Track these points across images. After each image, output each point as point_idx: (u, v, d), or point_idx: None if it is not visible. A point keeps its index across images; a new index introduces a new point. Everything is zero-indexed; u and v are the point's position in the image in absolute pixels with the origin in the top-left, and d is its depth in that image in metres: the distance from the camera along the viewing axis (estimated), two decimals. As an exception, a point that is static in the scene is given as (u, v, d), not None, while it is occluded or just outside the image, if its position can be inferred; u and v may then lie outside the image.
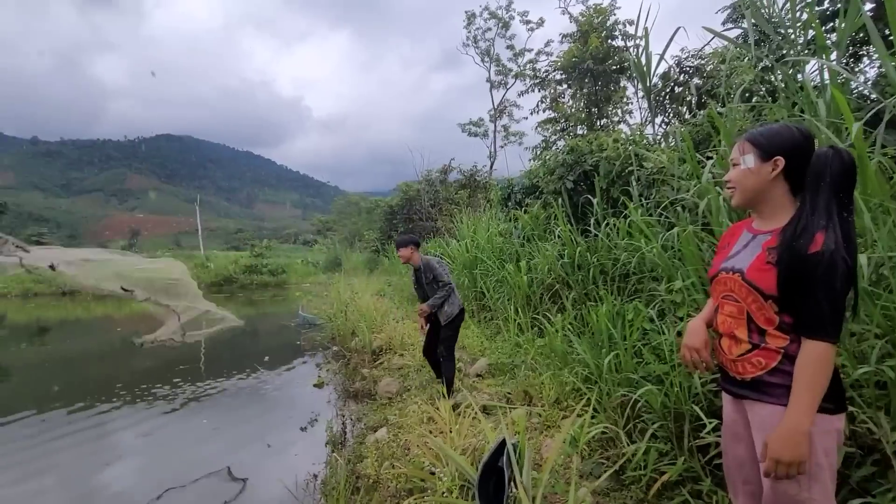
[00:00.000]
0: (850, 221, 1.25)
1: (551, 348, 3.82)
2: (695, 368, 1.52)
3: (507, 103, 24.53)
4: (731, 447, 1.49)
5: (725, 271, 1.42)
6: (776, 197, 1.36)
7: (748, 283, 1.32)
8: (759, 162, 1.35)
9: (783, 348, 1.28)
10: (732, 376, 1.40)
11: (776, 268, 1.27)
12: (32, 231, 35.02)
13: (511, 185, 8.20)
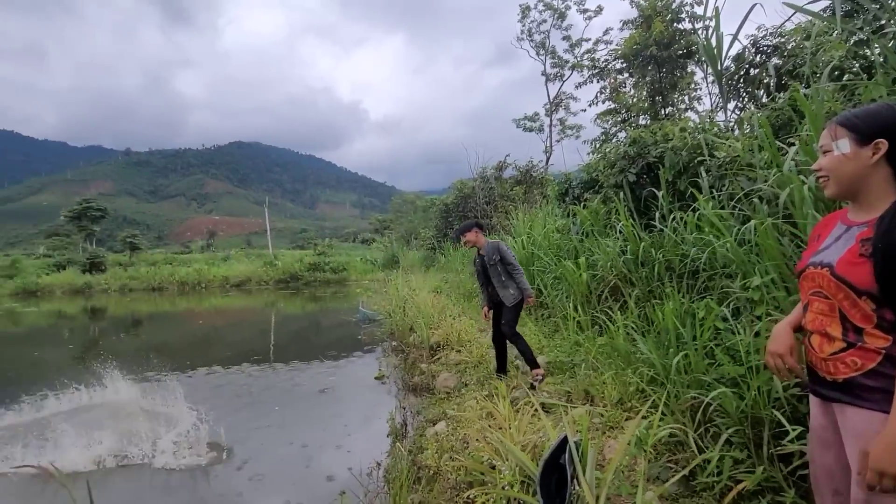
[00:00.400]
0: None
1: (613, 347, 3.70)
2: (780, 375, 1.43)
3: (563, 96, 23.89)
4: (820, 455, 1.38)
5: (814, 266, 1.31)
6: (877, 184, 1.23)
7: (838, 279, 1.22)
8: (856, 146, 1.23)
9: (884, 349, 1.16)
10: (822, 377, 1.29)
11: (871, 260, 1.16)
12: (127, 233, 38.93)
13: (568, 180, 8.00)
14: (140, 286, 26.45)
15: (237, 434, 4.54)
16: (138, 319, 15.98)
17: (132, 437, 4.49)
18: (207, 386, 6.35)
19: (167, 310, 18.47)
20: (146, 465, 3.89)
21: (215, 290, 25.49)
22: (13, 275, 27.56)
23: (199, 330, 13.21)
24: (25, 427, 4.88)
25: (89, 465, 3.87)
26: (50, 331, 14.06)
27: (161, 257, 36.45)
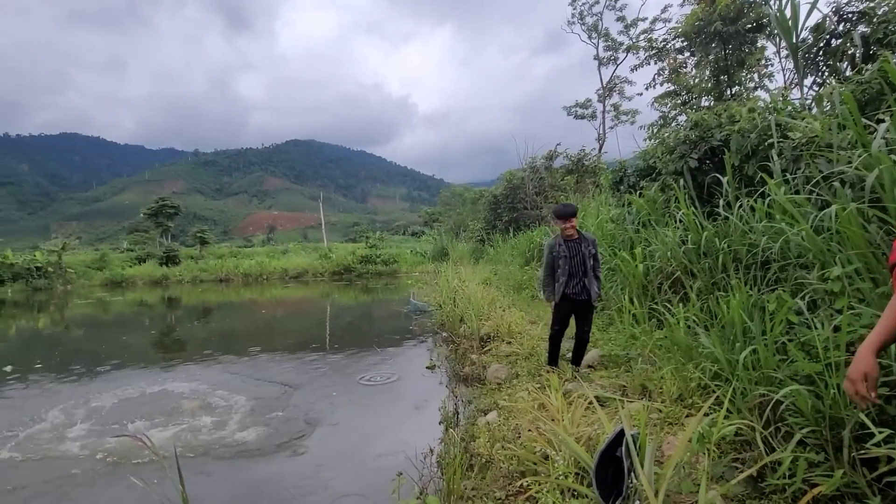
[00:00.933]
0: None
1: (673, 341, 3.55)
2: (856, 402, 1.33)
3: (617, 80, 22.90)
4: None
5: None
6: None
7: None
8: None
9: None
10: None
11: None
12: (197, 228, 41.91)
13: (623, 168, 7.69)
14: (209, 277, 28.51)
15: (298, 416, 4.82)
16: (208, 308, 17.22)
17: (208, 415, 4.89)
18: (271, 371, 6.76)
19: (233, 300, 19.77)
20: (222, 441, 4.22)
21: (276, 282, 26.96)
22: (102, 267, 30.60)
23: (261, 319, 14.05)
24: (124, 402, 5.45)
25: (175, 438, 4.27)
26: (134, 318, 15.51)
27: (227, 251, 39.02)
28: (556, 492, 2.15)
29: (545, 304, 4.69)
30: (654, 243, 5.14)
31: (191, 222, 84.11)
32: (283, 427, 4.52)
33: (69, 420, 4.94)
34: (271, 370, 6.79)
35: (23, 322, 14.67)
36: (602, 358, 4.55)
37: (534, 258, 10.43)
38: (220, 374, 6.62)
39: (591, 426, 2.72)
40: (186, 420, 4.79)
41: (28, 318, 15.46)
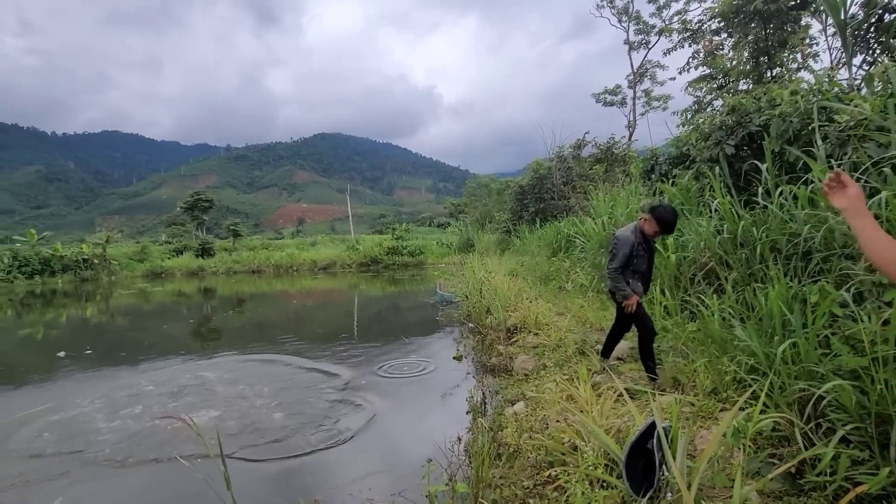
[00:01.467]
0: None
1: (707, 334, 3.46)
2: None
3: (648, 65, 22.17)
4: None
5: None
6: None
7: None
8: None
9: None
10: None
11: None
12: (231, 221, 43.28)
13: (655, 156, 7.47)
14: (242, 269, 29.45)
15: (328, 403, 4.96)
16: (242, 298, 17.81)
17: (244, 401, 5.10)
18: (303, 360, 6.96)
19: (265, 290, 20.37)
20: (257, 426, 4.40)
21: (305, 273, 27.60)
22: (143, 259, 32.04)
23: (293, 309, 14.44)
24: (167, 386, 5.74)
25: (216, 420, 4.47)
26: (173, 307, 16.21)
27: (258, 243, 40.16)
28: (584, 482, 2.15)
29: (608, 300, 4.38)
30: (688, 233, 4.99)
31: (224, 215, 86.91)
32: (315, 414, 4.66)
33: (118, 401, 5.25)
34: (303, 359, 6.98)
35: (72, 311, 15.56)
36: (632, 350, 4.47)
37: (561, 249, 10.30)
38: (254, 363, 6.86)
39: (620, 418, 2.69)
40: (224, 405, 5.00)
41: (77, 308, 16.39)
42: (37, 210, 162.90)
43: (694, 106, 9.55)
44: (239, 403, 5.05)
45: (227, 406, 4.96)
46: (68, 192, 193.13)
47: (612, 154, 14.57)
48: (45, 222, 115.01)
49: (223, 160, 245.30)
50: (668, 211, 3.53)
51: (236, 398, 5.23)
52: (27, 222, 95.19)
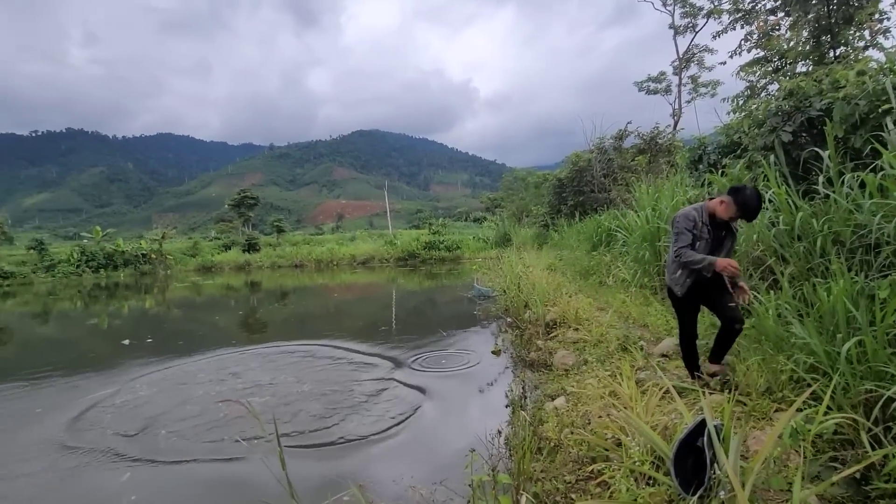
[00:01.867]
0: None
1: (760, 331, 3.29)
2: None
3: (695, 49, 21.14)
4: None
5: None
6: None
7: None
8: None
9: None
10: None
11: None
12: (274, 218, 45.06)
13: (702, 145, 7.15)
14: (286, 263, 30.59)
15: (370, 394, 5.09)
16: (286, 292, 18.51)
17: (293, 388, 5.33)
18: (344, 350, 7.17)
19: (307, 284, 21.06)
20: (305, 413, 4.58)
21: (345, 267, 28.32)
22: (195, 254, 33.90)
23: (333, 302, 14.87)
24: (218, 371, 6.08)
25: (261, 406, 4.70)
26: (222, 300, 17.07)
27: (300, 238, 41.53)
28: (629, 478, 2.12)
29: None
30: (738, 225, 4.75)
31: (268, 212, 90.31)
32: (356, 403, 4.80)
33: (176, 386, 5.61)
34: (345, 350, 7.19)
35: (133, 302, 16.69)
36: (678, 347, 4.32)
37: (602, 243, 10.05)
38: (300, 353, 7.13)
39: (666, 416, 2.62)
40: (271, 392, 5.24)
41: (137, 299, 17.57)
42: (101, 209, 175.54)
43: (746, 91, 9.00)
44: (285, 391, 5.28)
45: (274, 394, 5.20)
46: (128, 191, 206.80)
47: (655, 144, 14.02)
48: (108, 220, 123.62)
49: (267, 159, 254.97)
50: (753, 195, 2.95)
51: (283, 386, 5.47)
52: (93, 220, 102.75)
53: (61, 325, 12.58)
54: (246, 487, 3.27)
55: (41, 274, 27.38)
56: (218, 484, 3.36)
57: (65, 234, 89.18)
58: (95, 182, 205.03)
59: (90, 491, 3.35)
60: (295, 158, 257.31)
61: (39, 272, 27.50)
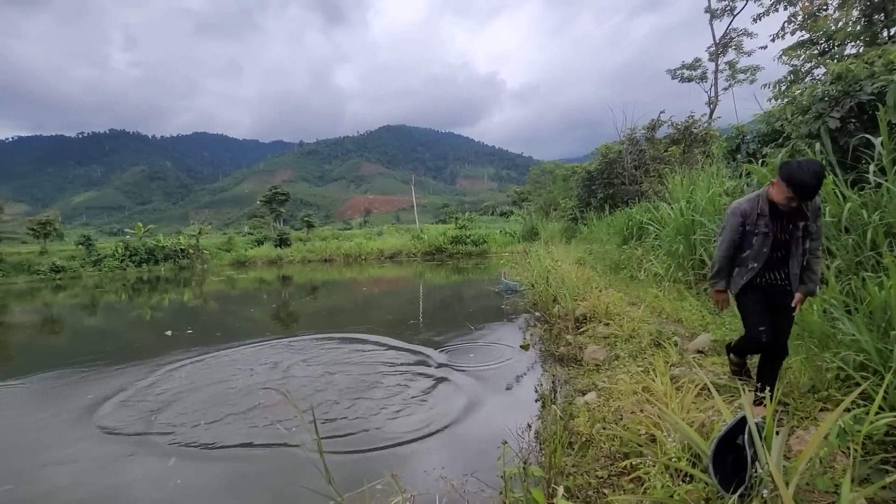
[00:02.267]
0: None
1: (804, 327, 3.16)
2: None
3: (733, 34, 20.22)
4: None
5: None
6: None
7: None
8: None
9: None
10: None
11: None
12: (304, 213, 45.96)
13: (741, 134, 6.87)
14: (315, 258, 31.28)
15: (398, 386, 5.17)
16: (315, 286, 18.93)
17: (324, 378, 5.47)
18: (373, 343, 7.29)
19: (336, 278, 21.47)
20: (334, 401, 4.70)
21: (373, 262, 28.71)
22: (230, 249, 35.07)
23: (361, 296, 15.12)
24: (255, 361, 6.31)
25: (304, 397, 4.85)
26: (255, 293, 17.62)
27: (329, 233, 42.31)
28: (664, 474, 2.08)
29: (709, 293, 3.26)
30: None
31: (298, 207, 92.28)
32: (386, 394, 4.89)
33: (218, 374, 5.85)
34: (373, 344, 7.31)
35: (173, 295, 17.44)
36: (714, 343, 4.20)
37: (633, 236, 9.82)
38: (331, 345, 7.30)
39: (703, 413, 2.56)
40: (304, 381, 5.40)
41: (176, 293, 18.34)
42: (142, 206, 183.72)
43: (789, 76, 8.57)
44: (319, 380, 5.43)
45: (308, 383, 5.36)
46: (167, 188, 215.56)
47: (690, 134, 13.55)
48: (149, 216, 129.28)
49: (296, 155, 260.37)
50: (801, 165, 2.41)
51: (316, 375, 5.62)
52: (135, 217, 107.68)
53: (109, 317, 13.29)
54: (284, 473, 3.39)
55: (89, 268, 28.94)
56: (257, 469, 3.50)
57: (109, 230, 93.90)
58: (137, 180, 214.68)
59: (136, 476, 3.54)
60: (323, 155, 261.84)
61: (87, 266, 29.07)
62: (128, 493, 3.31)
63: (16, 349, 9.18)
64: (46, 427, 4.53)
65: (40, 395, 5.63)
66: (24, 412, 5.01)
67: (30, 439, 4.26)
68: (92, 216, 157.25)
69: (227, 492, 3.27)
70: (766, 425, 1.80)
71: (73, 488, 3.37)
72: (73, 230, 66.12)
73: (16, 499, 3.27)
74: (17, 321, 13.08)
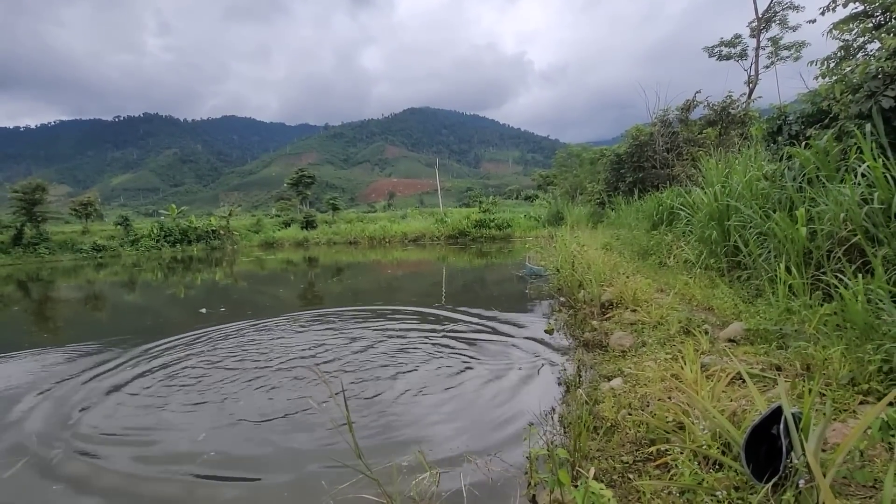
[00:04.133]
0: None
1: (846, 317, 3.03)
2: None
3: (777, 7, 19.02)
4: None
5: None
6: None
7: None
8: None
9: None
10: None
11: None
12: (330, 196, 46.58)
13: (783, 115, 6.54)
14: (340, 240, 31.77)
15: (421, 367, 5.26)
16: (341, 267, 19.26)
17: (350, 357, 5.60)
18: (398, 325, 7.40)
19: (361, 260, 21.78)
20: (361, 378, 4.82)
21: (396, 244, 28.95)
22: (258, 230, 35.96)
23: (385, 278, 15.30)
24: (284, 338, 6.52)
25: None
26: (283, 274, 18.07)
27: (354, 216, 42.80)
28: (692, 462, 2.06)
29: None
30: (824, 203, 4.34)
31: (324, 190, 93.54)
32: (406, 376, 4.98)
33: (252, 350, 6.07)
34: (398, 325, 7.42)
35: (205, 275, 18.07)
36: (747, 332, 4.08)
37: (663, 222, 9.55)
38: (356, 323, 7.45)
39: (734, 402, 2.51)
40: (338, 355, 5.55)
41: (208, 272, 18.99)
42: (175, 188, 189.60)
43: (839, 52, 8.04)
44: (346, 358, 5.57)
45: (339, 356, 5.51)
46: (198, 171, 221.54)
47: (727, 115, 12.97)
48: (182, 198, 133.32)
49: (322, 138, 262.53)
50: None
51: (342, 355, 5.76)
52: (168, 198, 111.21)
53: (147, 294, 13.91)
54: (315, 444, 3.52)
55: (127, 247, 30.23)
56: (289, 440, 3.64)
57: (145, 211, 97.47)
58: (169, 163, 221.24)
59: (174, 442, 3.73)
60: (348, 138, 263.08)
61: (126, 246, 30.37)
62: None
63: (83, 325, 9.73)
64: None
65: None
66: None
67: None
68: (129, 197, 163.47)
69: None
70: (803, 415, 1.75)
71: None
72: (111, 211, 68.93)
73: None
74: (65, 296, 13.86)
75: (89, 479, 3.20)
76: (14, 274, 21.20)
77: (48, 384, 5.20)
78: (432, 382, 4.74)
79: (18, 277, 19.69)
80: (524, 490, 2.38)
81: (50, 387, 5.11)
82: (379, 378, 4.93)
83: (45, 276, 20.07)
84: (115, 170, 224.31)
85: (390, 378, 4.92)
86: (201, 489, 3.02)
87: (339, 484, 2.58)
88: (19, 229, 28.40)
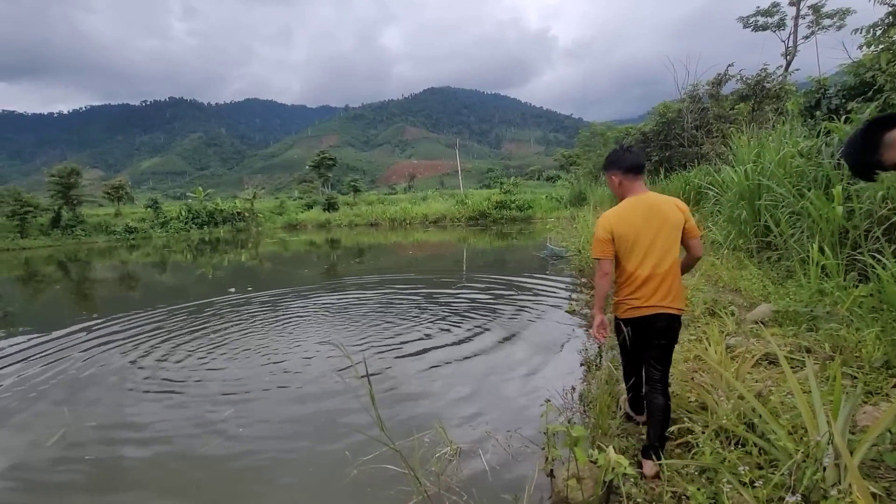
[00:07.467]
0: None
1: (882, 299, 2.92)
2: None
3: (821, -28, 17.83)
4: None
5: None
6: None
7: None
8: None
9: None
10: None
11: None
12: (351, 178, 46.81)
13: (822, 88, 6.23)
14: (362, 222, 32.07)
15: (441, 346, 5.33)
16: (362, 249, 19.49)
17: (373, 335, 5.72)
18: (417, 305, 7.49)
19: (382, 242, 21.98)
20: (380, 356, 4.93)
21: (417, 226, 29.05)
22: (282, 212, 36.62)
23: (406, 259, 15.43)
24: (312, 317, 6.69)
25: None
26: (306, 255, 18.41)
27: (375, 198, 43.05)
28: (714, 441, 2.05)
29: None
30: (863, 181, 4.14)
31: (345, 172, 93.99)
32: (426, 354, 5.05)
33: (280, 329, 6.27)
34: (420, 305, 7.51)
35: (232, 256, 18.58)
36: (776, 314, 3.98)
37: (690, 202, 9.29)
38: (377, 302, 7.58)
39: (760, 383, 2.47)
40: (351, 338, 5.68)
41: (235, 253, 19.51)
42: (201, 171, 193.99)
43: (887, 18, 7.53)
44: (368, 338, 5.69)
45: (360, 345, 5.63)
46: (222, 154, 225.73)
47: (762, 89, 12.37)
48: (207, 181, 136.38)
49: (342, 120, 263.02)
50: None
51: (364, 336, 5.89)
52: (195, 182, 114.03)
53: (177, 274, 14.42)
54: (340, 419, 3.63)
55: (157, 229, 31.27)
56: (314, 416, 3.77)
57: (173, 194, 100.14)
58: (195, 147, 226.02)
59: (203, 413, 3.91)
60: (368, 119, 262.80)
61: (156, 228, 31.42)
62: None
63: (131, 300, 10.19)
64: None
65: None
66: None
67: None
68: (157, 181, 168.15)
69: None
70: (834, 399, 1.72)
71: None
72: (141, 194, 71.19)
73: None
74: (104, 276, 14.49)
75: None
76: (55, 255, 22.24)
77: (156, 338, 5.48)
78: (453, 358, 4.82)
79: (59, 258, 20.65)
80: (542, 465, 2.41)
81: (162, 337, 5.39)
82: (399, 354, 5.02)
83: (82, 256, 20.99)
84: (143, 154, 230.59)
85: (401, 354, 5.01)
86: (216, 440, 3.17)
87: (362, 455, 2.66)
88: (57, 212, 29.67)
